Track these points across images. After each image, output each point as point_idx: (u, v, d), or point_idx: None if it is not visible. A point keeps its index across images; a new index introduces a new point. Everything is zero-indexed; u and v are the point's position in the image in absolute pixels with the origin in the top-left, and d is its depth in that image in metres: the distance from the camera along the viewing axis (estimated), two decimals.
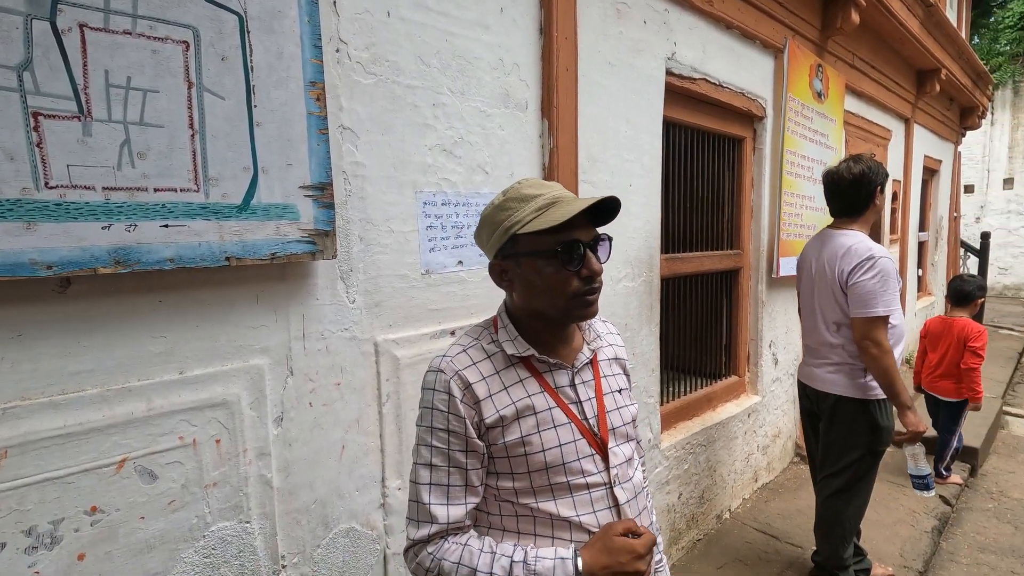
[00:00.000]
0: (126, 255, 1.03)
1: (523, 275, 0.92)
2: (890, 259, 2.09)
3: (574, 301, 0.89)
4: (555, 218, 0.85)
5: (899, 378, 2.06)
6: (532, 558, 0.84)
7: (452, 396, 0.89)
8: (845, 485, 2.25)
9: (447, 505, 0.89)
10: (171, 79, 1.07)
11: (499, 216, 0.91)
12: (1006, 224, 11.29)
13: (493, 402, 0.90)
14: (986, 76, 6.47)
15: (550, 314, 0.92)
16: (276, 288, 1.30)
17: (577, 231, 0.88)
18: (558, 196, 0.89)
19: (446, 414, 0.89)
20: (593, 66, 2.04)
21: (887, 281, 2.05)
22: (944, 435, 3.39)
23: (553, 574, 0.82)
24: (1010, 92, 11.08)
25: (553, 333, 0.96)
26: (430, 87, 1.56)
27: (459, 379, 0.90)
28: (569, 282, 0.88)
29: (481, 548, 0.87)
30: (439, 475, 0.90)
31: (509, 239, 0.90)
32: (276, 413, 1.32)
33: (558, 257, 0.87)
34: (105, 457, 1.08)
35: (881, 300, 2.05)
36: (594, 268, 0.89)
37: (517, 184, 0.92)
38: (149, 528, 1.14)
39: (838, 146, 3.74)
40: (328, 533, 1.44)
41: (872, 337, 2.06)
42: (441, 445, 0.89)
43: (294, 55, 1.23)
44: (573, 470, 0.90)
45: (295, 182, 1.24)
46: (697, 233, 2.96)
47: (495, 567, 0.84)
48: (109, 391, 1.08)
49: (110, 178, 1.01)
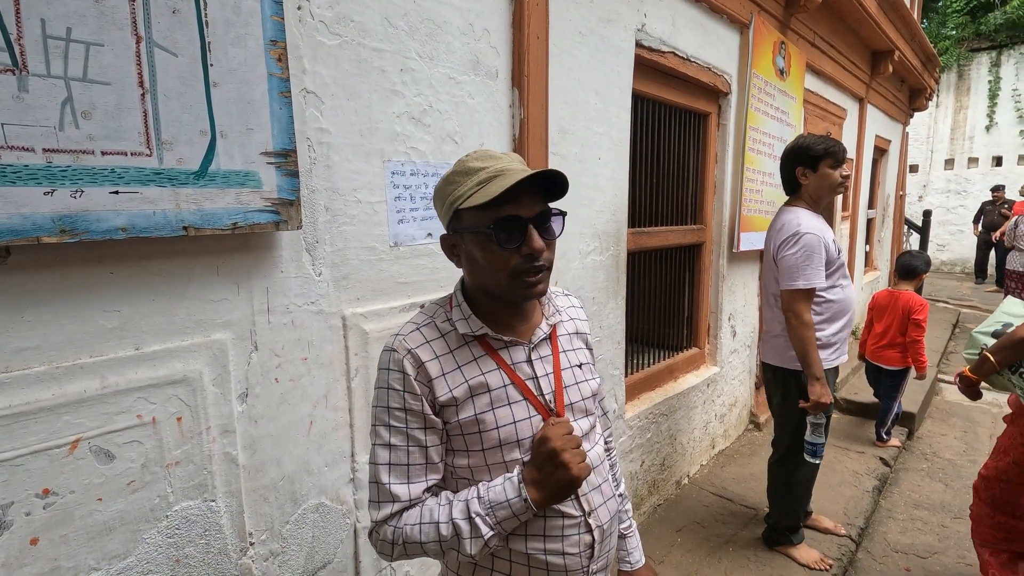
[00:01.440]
0: (72, 223, 0.96)
1: (467, 251, 0.90)
2: (817, 236, 2.14)
3: (516, 280, 0.86)
4: (489, 193, 0.81)
5: (813, 350, 2.14)
6: (484, 489, 0.86)
7: (406, 374, 0.88)
8: (787, 452, 2.38)
9: (408, 484, 0.89)
10: (117, 32, 0.98)
11: (446, 190, 0.89)
12: (946, 203, 11.90)
13: (446, 381, 0.89)
14: (935, 59, 6.71)
15: (495, 292, 0.90)
16: (238, 260, 1.25)
17: (519, 206, 0.84)
18: (502, 168, 0.84)
19: (402, 393, 0.88)
20: (564, 35, 2.00)
21: (810, 256, 2.12)
22: (886, 401, 3.61)
23: (505, 493, 0.85)
24: (955, 76, 11.55)
25: (507, 309, 0.94)
26: (398, 51, 1.50)
27: (412, 357, 0.88)
28: (508, 260, 0.85)
29: (439, 502, 0.88)
30: (398, 455, 0.89)
31: (454, 214, 0.88)
32: (240, 389, 1.28)
33: (494, 235, 0.84)
34: (56, 437, 1.02)
35: (802, 274, 2.13)
36: (534, 246, 0.84)
37: (466, 156, 0.89)
38: (108, 510, 1.10)
39: (798, 123, 3.82)
40: (297, 509, 1.42)
41: (793, 309, 2.15)
42: (399, 424, 0.89)
43: (253, 10, 1.15)
44: (527, 446, 0.90)
45: (256, 148, 1.18)
46: (662, 208, 3.00)
47: (454, 511, 0.85)
48: (58, 368, 1.02)
49: (51, 139, 0.93)
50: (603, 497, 0.97)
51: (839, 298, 2.25)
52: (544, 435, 0.86)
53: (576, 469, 0.84)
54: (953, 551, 2.61)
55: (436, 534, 0.85)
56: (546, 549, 0.90)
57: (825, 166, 2.21)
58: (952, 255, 11.94)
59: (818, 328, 2.23)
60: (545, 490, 0.84)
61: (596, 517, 0.94)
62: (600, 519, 0.95)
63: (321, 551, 1.48)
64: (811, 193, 2.27)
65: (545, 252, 0.87)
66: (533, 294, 0.89)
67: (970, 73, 11.44)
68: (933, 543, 2.68)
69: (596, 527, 0.94)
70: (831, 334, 2.26)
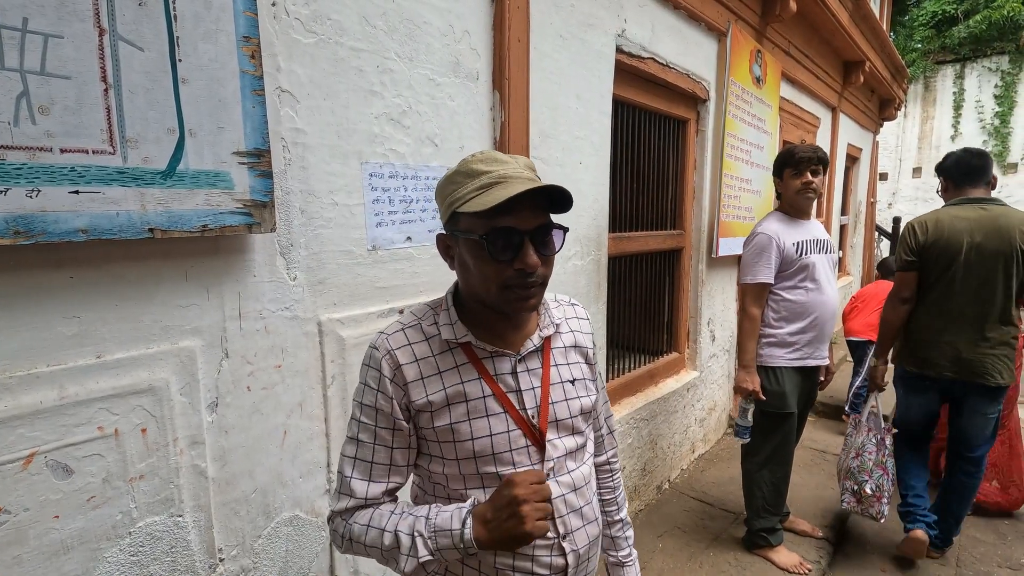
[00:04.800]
0: (28, 224, 0.90)
1: (460, 255, 0.86)
2: (769, 236, 2.28)
3: (506, 293, 0.82)
4: (486, 201, 0.77)
5: (748, 340, 2.31)
6: (435, 512, 0.83)
7: (383, 375, 0.86)
8: (751, 447, 2.44)
9: (368, 482, 0.88)
10: (78, 23, 0.93)
11: (447, 188, 0.85)
12: (914, 210, 12.22)
13: (424, 385, 0.86)
14: (903, 70, 6.91)
15: (485, 301, 0.86)
16: (208, 264, 1.20)
17: (517, 218, 0.79)
18: (506, 175, 0.80)
19: (375, 392, 0.87)
20: (544, 39, 1.99)
21: (759, 254, 2.29)
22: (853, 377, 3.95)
23: (450, 523, 0.81)
24: (921, 87, 11.93)
25: (497, 318, 0.90)
26: (376, 51, 1.47)
27: (391, 358, 0.86)
28: (500, 273, 0.81)
29: (392, 510, 0.87)
30: (364, 451, 0.89)
31: (452, 215, 0.84)
32: (210, 399, 1.22)
33: (487, 245, 0.80)
34: (9, 452, 0.96)
35: (750, 270, 2.32)
36: (527, 262, 0.80)
37: (472, 156, 0.85)
38: (65, 528, 1.04)
39: (774, 131, 3.88)
40: (270, 523, 1.36)
41: (741, 301, 2.37)
42: (368, 422, 0.88)
43: (224, 5, 1.11)
44: (504, 460, 0.87)
45: (228, 147, 1.13)
46: (642, 213, 3.00)
47: (401, 524, 0.83)
48: (12, 378, 0.96)
49: (5, 135, 0.87)
50: (583, 520, 0.92)
51: (801, 300, 2.29)
52: (511, 479, 0.80)
53: (530, 525, 0.77)
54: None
55: (380, 541, 0.83)
56: (514, 566, 0.87)
57: (787, 175, 2.33)
58: None
59: (774, 325, 2.33)
60: (493, 534, 0.79)
61: (572, 540, 0.90)
62: (576, 543, 0.91)
63: (295, 565, 1.43)
64: (785, 200, 2.40)
65: (540, 268, 0.82)
66: (523, 308, 0.85)
67: (936, 85, 11.82)
68: None
69: (571, 551, 0.90)
70: (787, 333, 2.32)
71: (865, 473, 2.45)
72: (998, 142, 11.07)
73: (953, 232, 2.27)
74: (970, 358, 2.26)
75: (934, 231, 2.31)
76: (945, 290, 2.30)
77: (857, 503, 2.49)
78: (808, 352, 2.34)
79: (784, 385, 2.32)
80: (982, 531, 2.83)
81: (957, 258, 2.25)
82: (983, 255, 2.22)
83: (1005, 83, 10.96)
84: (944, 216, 2.33)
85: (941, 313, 2.32)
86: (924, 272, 2.35)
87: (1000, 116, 11.05)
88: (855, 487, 2.48)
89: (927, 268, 2.34)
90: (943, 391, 2.40)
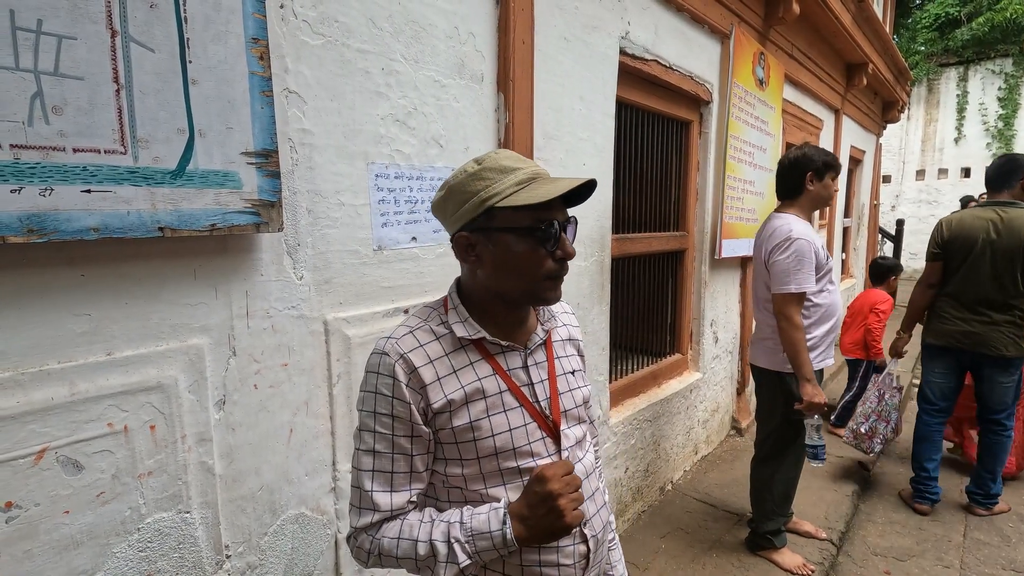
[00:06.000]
0: (41, 223, 0.92)
1: (494, 252, 0.86)
2: (808, 241, 2.19)
3: (545, 283, 0.87)
4: (539, 195, 0.81)
5: (803, 352, 2.18)
6: (468, 516, 0.84)
7: (397, 380, 0.84)
8: (769, 453, 2.42)
9: (391, 492, 0.86)
10: (91, 25, 0.95)
11: (474, 186, 0.84)
12: (917, 212, 12.24)
13: (441, 386, 0.86)
14: (906, 72, 6.91)
15: (513, 295, 0.89)
16: (216, 262, 1.21)
17: (556, 211, 0.86)
18: (537, 172, 0.86)
19: (390, 399, 0.85)
20: (548, 40, 2.00)
21: (801, 261, 2.18)
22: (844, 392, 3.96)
23: (488, 524, 0.82)
24: (924, 89, 11.92)
25: (509, 314, 0.92)
26: (382, 52, 1.48)
27: (404, 362, 0.85)
28: (543, 263, 0.86)
29: (421, 519, 0.86)
30: (382, 462, 0.86)
31: (484, 211, 0.85)
32: (218, 396, 1.24)
33: (536, 236, 0.84)
34: (21, 447, 0.98)
35: (794, 279, 2.18)
36: (568, 250, 0.87)
37: (494, 154, 0.86)
38: (75, 523, 1.05)
39: (776, 133, 3.89)
40: (276, 520, 1.37)
41: (784, 312, 2.20)
42: (385, 431, 0.86)
43: (234, 7, 1.12)
44: (523, 453, 0.88)
45: (236, 148, 1.15)
46: (645, 214, 3.01)
47: (434, 532, 0.82)
48: (24, 374, 0.97)
49: (19, 135, 0.89)
50: (596, 506, 0.96)
51: (826, 302, 2.29)
52: (542, 474, 0.82)
53: (569, 517, 0.81)
54: (931, 553, 2.65)
55: (413, 552, 0.82)
56: (541, 560, 0.88)
57: (829, 177, 2.31)
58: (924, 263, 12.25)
59: (807, 331, 2.27)
60: (532, 531, 0.81)
61: (591, 527, 0.93)
62: (595, 528, 0.94)
63: (300, 563, 1.44)
64: (809, 200, 2.33)
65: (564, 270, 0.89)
66: (555, 297, 0.90)
67: (939, 87, 11.82)
68: (911, 546, 2.71)
69: (591, 536, 0.93)
70: (819, 337, 2.30)
71: (863, 417, 3.14)
72: (1002, 144, 11.05)
73: (972, 230, 2.73)
74: (979, 332, 2.74)
75: (956, 228, 2.79)
76: (963, 278, 2.78)
77: (854, 438, 3.17)
78: (827, 353, 2.36)
79: None
80: (986, 533, 2.83)
81: (973, 251, 2.71)
82: (996, 250, 2.66)
83: (1008, 85, 10.95)
84: (967, 216, 2.80)
85: (958, 296, 2.81)
86: (947, 262, 2.85)
87: (1004, 119, 11.04)
88: (854, 426, 3.17)
89: (949, 259, 2.83)
90: (958, 362, 2.89)
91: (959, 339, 2.80)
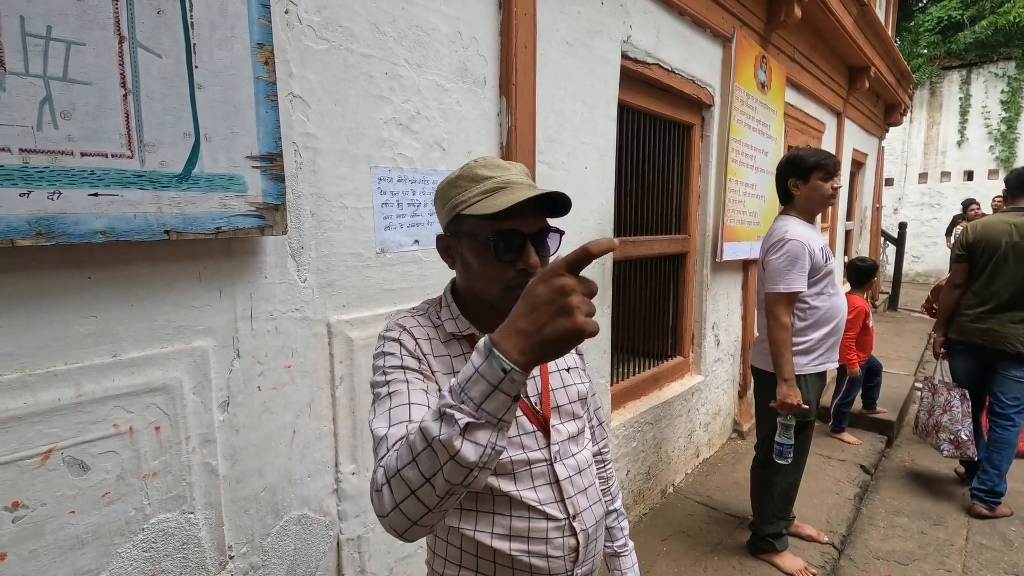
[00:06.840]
0: (49, 226, 0.93)
1: (463, 255, 0.91)
2: (802, 243, 2.21)
3: (508, 294, 0.85)
4: (496, 205, 0.81)
5: (786, 352, 2.20)
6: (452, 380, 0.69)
7: (404, 346, 0.88)
8: (769, 454, 2.42)
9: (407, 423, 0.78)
10: (99, 31, 0.96)
11: (449, 192, 0.89)
12: (920, 215, 12.21)
13: (439, 363, 0.90)
14: (909, 75, 6.91)
15: (486, 300, 0.91)
16: (221, 265, 1.22)
17: (521, 221, 0.84)
18: (509, 180, 0.85)
19: (399, 355, 0.87)
20: (551, 45, 2.01)
21: (793, 262, 2.20)
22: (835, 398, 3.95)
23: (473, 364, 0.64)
24: (927, 92, 11.90)
25: (498, 313, 0.91)
26: (386, 57, 1.50)
27: (409, 335, 0.90)
28: (503, 273, 0.86)
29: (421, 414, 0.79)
30: (398, 399, 0.81)
31: (454, 217, 0.89)
32: (222, 398, 1.25)
33: (495, 246, 0.84)
34: (28, 448, 0.99)
35: (784, 279, 2.21)
36: (530, 262, 0.84)
37: (474, 161, 0.90)
38: (81, 523, 1.06)
39: (779, 136, 3.89)
40: (279, 521, 1.38)
41: (772, 311, 2.24)
42: (399, 376, 0.84)
43: (239, 13, 1.13)
44: (513, 444, 0.90)
45: (241, 151, 1.16)
46: (647, 217, 3.02)
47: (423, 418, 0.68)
48: (31, 376, 0.98)
49: (29, 139, 0.90)
50: (588, 501, 0.96)
51: (825, 305, 2.29)
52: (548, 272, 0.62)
53: (581, 320, 0.59)
54: (933, 557, 2.64)
55: (409, 452, 0.67)
56: (530, 551, 0.89)
57: (816, 178, 2.28)
58: (926, 266, 12.23)
59: (802, 333, 2.28)
60: (533, 340, 0.61)
61: (581, 521, 0.93)
62: (585, 523, 0.94)
63: (303, 564, 1.44)
64: (802, 203, 2.34)
65: (540, 268, 0.80)
66: None
67: (942, 90, 11.80)
68: (913, 550, 2.71)
69: (581, 531, 0.93)
70: (815, 340, 2.30)
71: (957, 423, 3.05)
72: (1004, 148, 11.03)
73: (996, 233, 2.90)
74: (996, 329, 2.90)
75: (981, 232, 2.96)
76: (986, 279, 2.94)
77: (955, 448, 3.05)
78: (829, 356, 2.36)
79: (810, 393, 2.31)
80: (988, 537, 2.82)
81: (997, 253, 2.89)
82: (1018, 252, 2.83)
83: (1011, 88, 10.93)
84: (992, 220, 2.97)
85: (981, 296, 2.98)
86: (971, 264, 3.01)
87: (1006, 122, 11.02)
88: (951, 436, 3.06)
89: (973, 261, 3.00)
90: (978, 358, 3.03)
91: (979, 335, 2.96)
